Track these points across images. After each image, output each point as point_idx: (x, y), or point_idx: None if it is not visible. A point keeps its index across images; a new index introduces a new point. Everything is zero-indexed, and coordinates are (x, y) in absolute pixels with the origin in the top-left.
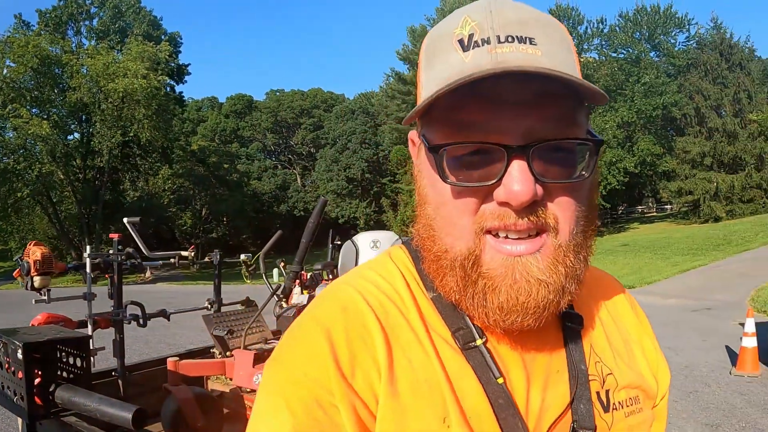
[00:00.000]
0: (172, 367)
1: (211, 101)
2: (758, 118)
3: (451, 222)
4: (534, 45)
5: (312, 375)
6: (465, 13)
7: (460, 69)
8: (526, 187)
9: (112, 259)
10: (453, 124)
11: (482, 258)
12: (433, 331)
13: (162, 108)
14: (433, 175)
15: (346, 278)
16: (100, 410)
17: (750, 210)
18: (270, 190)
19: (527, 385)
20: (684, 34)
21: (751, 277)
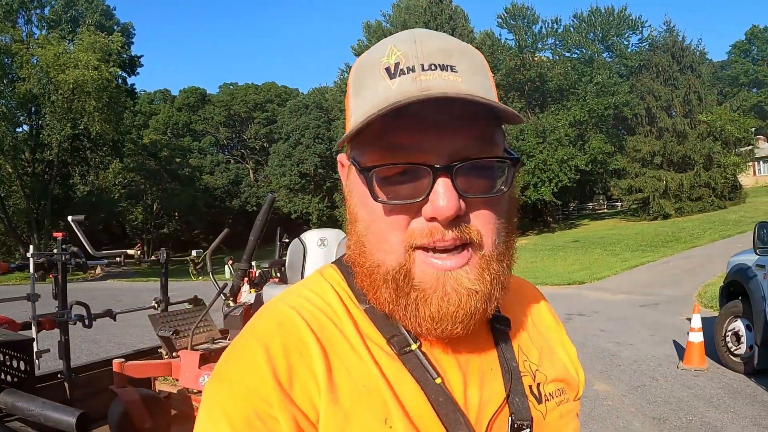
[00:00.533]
0: (117, 369)
1: (164, 94)
2: (707, 119)
3: (382, 238)
4: (455, 72)
5: (251, 388)
6: (391, 44)
7: (387, 96)
8: (450, 203)
9: (56, 258)
10: (382, 146)
11: (413, 271)
12: (369, 339)
13: (113, 100)
14: (364, 194)
15: (280, 297)
16: (44, 415)
17: (698, 208)
18: (222, 185)
19: (464, 384)
20: (637, 35)
21: (698, 274)
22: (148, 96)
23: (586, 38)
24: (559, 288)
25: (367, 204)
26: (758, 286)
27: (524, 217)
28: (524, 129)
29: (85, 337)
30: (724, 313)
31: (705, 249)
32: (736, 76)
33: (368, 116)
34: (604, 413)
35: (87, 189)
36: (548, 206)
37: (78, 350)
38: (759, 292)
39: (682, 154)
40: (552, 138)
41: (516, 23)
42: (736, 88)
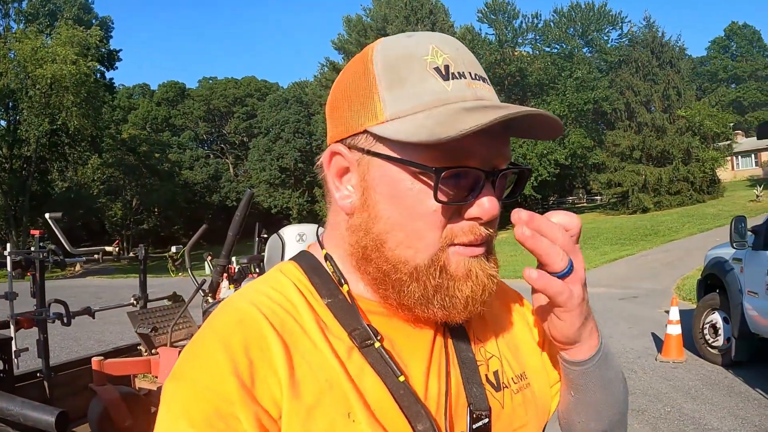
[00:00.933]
0: (97, 367)
1: (143, 88)
2: (686, 114)
3: (419, 236)
4: (489, 85)
5: (211, 387)
6: (431, 43)
7: (445, 96)
8: (497, 206)
9: (33, 256)
10: (442, 147)
11: (448, 266)
12: (331, 334)
13: (91, 95)
14: (397, 192)
15: (239, 294)
16: (23, 414)
17: (677, 202)
18: (202, 180)
19: (426, 375)
20: (617, 31)
21: (676, 267)
22: (126, 90)
23: (566, 33)
24: None
25: (402, 200)
26: (735, 279)
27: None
28: None
29: (65, 334)
30: (701, 306)
31: (683, 242)
32: (715, 71)
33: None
34: None
35: (65, 185)
36: (528, 200)
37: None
38: (736, 285)
39: (661, 148)
40: None
41: (496, 18)
42: (715, 84)
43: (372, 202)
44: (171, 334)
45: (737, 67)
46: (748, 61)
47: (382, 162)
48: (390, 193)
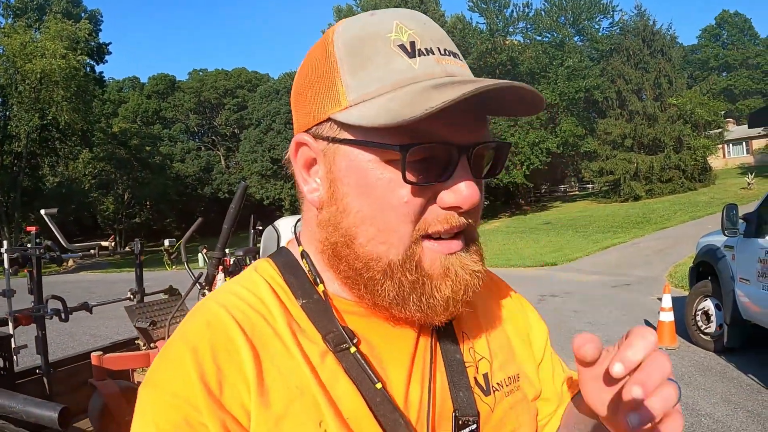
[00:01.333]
0: (96, 362)
1: (133, 81)
2: (677, 102)
3: (391, 229)
4: (461, 61)
5: (180, 394)
6: (395, 20)
7: (412, 75)
8: (474, 190)
9: (30, 253)
10: (402, 130)
11: (423, 261)
12: (304, 337)
13: (81, 89)
14: (366, 182)
15: (213, 294)
16: (26, 411)
17: (668, 189)
18: (193, 173)
19: (407, 381)
20: (608, 20)
21: (668, 254)
22: (116, 84)
23: (557, 22)
24: (531, 270)
25: (371, 192)
26: (727, 266)
27: (496, 200)
28: None
29: (61, 330)
30: (693, 293)
31: (675, 230)
32: (706, 60)
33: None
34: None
35: (56, 180)
36: (520, 189)
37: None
38: (727, 272)
39: (652, 136)
40: (523, 121)
41: (487, 7)
42: (706, 72)
43: (340, 195)
44: (169, 328)
45: (728, 56)
46: (739, 50)
47: (349, 150)
48: (358, 183)
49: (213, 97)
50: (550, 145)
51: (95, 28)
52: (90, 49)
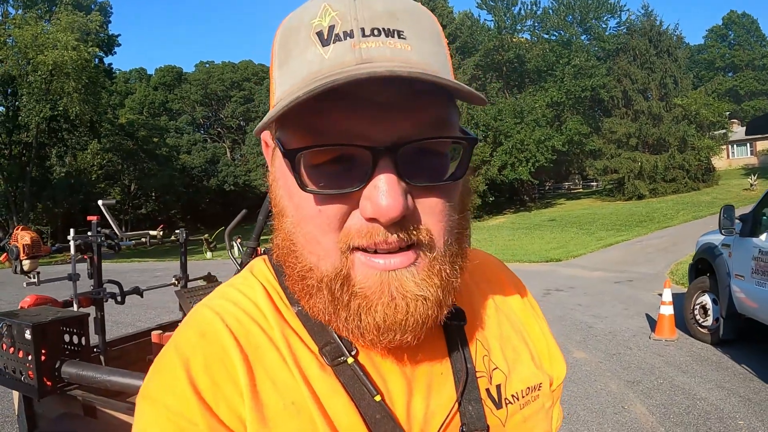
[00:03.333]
0: (156, 340)
1: (140, 73)
2: (683, 103)
3: (313, 240)
4: (402, 39)
5: (174, 408)
6: (325, 1)
7: (319, 67)
8: (395, 201)
9: (91, 240)
10: (310, 129)
11: (353, 276)
12: (300, 347)
13: (92, 81)
14: (291, 184)
15: (206, 300)
16: (111, 381)
17: (672, 189)
18: (199, 164)
19: (408, 394)
20: (615, 19)
21: (670, 252)
22: (124, 75)
23: (564, 21)
24: (536, 265)
25: (293, 197)
26: (724, 263)
27: (501, 196)
28: (502, 109)
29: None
30: (692, 288)
31: (677, 229)
32: (712, 60)
33: (293, 97)
34: (583, 377)
35: (64, 171)
36: (525, 185)
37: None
38: (724, 269)
39: (657, 136)
40: (529, 118)
41: (495, 4)
42: (712, 72)
43: (278, 198)
44: None
45: (734, 56)
46: (745, 51)
47: (278, 152)
48: (286, 187)
49: (220, 90)
50: (555, 142)
51: (105, 20)
52: (100, 40)
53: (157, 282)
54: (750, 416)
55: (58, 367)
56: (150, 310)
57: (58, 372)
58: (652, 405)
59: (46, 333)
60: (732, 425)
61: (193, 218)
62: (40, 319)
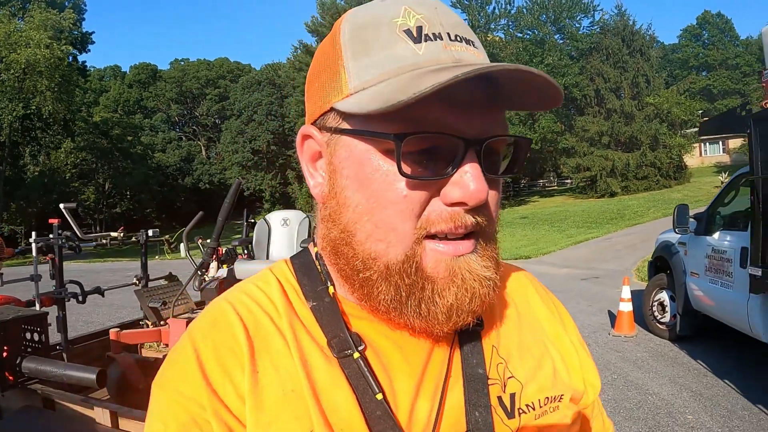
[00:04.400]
0: (114, 337)
1: (114, 70)
2: (654, 102)
3: (390, 227)
4: (476, 48)
5: (185, 393)
6: (404, 4)
7: (415, 60)
8: (483, 186)
9: (53, 242)
10: (403, 118)
11: (424, 262)
12: (307, 339)
13: (65, 79)
14: (367, 172)
15: (225, 293)
16: (67, 375)
17: (644, 186)
18: (174, 163)
19: (414, 394)
20: (588, 18)
21: (639, 249)
22: (98, 73)
23: (538, 20)
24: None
25: (369, 187)
26: (680, 261)
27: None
28: None
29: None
30: (651, 285)
31: (647, 226)
32: (686, 59)
33: (427, 88)
34: None
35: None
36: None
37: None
38: (681, 267)
39: (629, 134)
40: None
41: (470, 3)
42: (686, 71)
43: (339, 188)
44: (173, 308)
45: (708, 55)
46: (719, 50)
47: (348, 141)
48: (357, 176)
49: (195, 87)
50: None
51: (79, 17)
52: (73, 38)
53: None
54: (699, 411)
55: (19, 362)
56: (121, 309)
57: (19, 367)
58: (603, 400)
59: (8, 330)
60: (681, 419)
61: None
62: (1, 318)
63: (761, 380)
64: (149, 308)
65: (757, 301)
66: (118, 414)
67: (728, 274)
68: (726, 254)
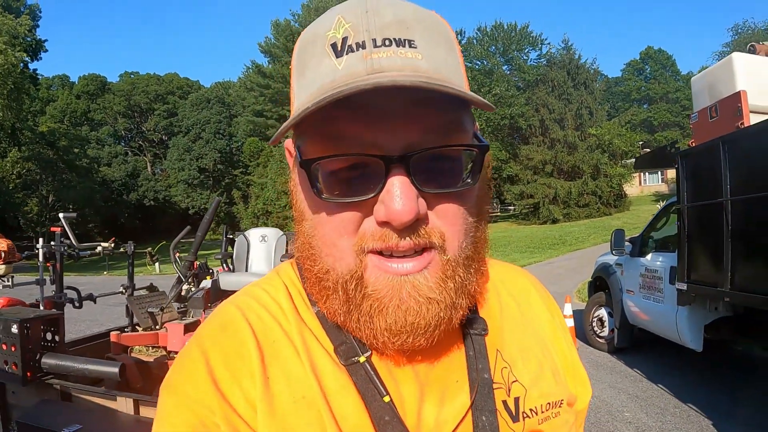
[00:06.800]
0: (115, 339)
1: (62, 80)
2: (596, 133)
3: (330, 242)
4: (413, 48)
5: (193, 397)
6: (339, 14)
7: (332, 78)
8: (407, 206)
9: (54, 249)
10: (325, 137)
11: (366, 278)
12: (316, 345)
13: (17, 86)
14: (305, 194)
15: (232, 297)
16: (88, 369)
17: (585, 214)
18: (120, 177)
19: (420, 400)
20: (536, 51)
21: (579, 273)
22: (46, 81)
23: (487, 51)
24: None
25: (312, 202)
26: (617, 280)
27: None
28: None
29: None
30: (590, 303)
31: (588, 251)
32: (629, 92)
33: (303, 109)
34: None
35: None
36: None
37: None
38: (618, 285)
39: (571, 163)
40: None
41: None
42: (628, 103)
43: (298, 202)
44: (162, 315)
45: (650, 89)
46: (660, 84)
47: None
48: (306, 192)
49: (143, 102)
50: None
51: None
52: (27, 45)
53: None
54: (636, 410)
55: (39, 358)
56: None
57: (39, 363)
58: None
59: (30, 328)
60: (619, 417)
61: (112, 233)
62: (24, 316)
63: (690, 382)
64: (148, 313)
65: (684, 312)
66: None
67: (659, 291)
68: (657, 273)
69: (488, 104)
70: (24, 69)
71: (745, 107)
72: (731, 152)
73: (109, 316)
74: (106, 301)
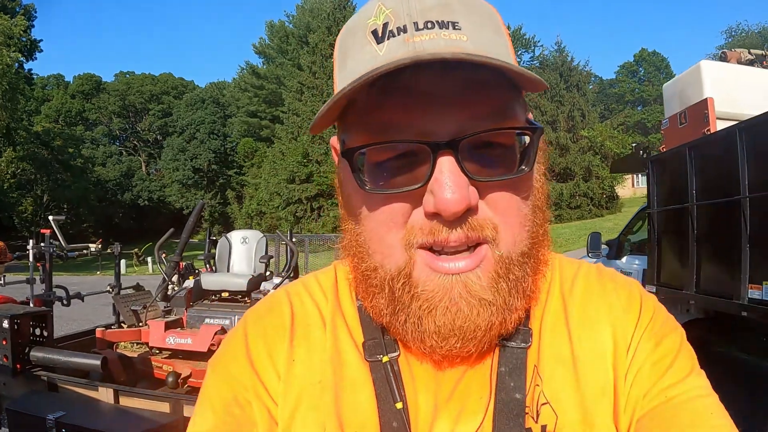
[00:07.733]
0: (100, 335)
1: (57, 79)
2: (588, 135)
3: (378, 238)
4: (458, 30)
5: (232, 373)
6: (379, 1)
7: (373, 64)
8: (457, 195)
9: (44, 250)
10: (371, 126)
11: (414, 277)
12: (346, 336)
13: (12, 86)
14: (354, 183)
15: (289, 284)
16: (73, 362)
17: (576, 215)
18: (114, 177)
19: (434, 414)
20: (529, 53)
21: None
22: (41, 81)
23: None
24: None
25: (357, 196)
26: None
27: None
28: None
29: None
30: None
31: (577, 252)
32: (622, 94)
33: (340, 90)
34: None
35: None
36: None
37: None
38: None
39: (563, 165)
40: None
41: None
42: (621, 105)
43: (346, 197)
44: (147, 313)
45: (644, 91)
46: (654, 86)
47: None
48: (351, 188)
49: (138, 102)
50: None
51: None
52: (22, 45)
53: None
54: None
55: (28, 351)
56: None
57: (28, 356)
58: None
59: (20, 324)
60: None
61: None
62: (14, 312)
63: None
64: (132, 311)
65: None
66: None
67: None
68: (632, 275)
69: (540, 79)
70: (19, 69)
71: (711, 114)
72: (697, 158)
73: (100, 315)
74: (97, 300)
